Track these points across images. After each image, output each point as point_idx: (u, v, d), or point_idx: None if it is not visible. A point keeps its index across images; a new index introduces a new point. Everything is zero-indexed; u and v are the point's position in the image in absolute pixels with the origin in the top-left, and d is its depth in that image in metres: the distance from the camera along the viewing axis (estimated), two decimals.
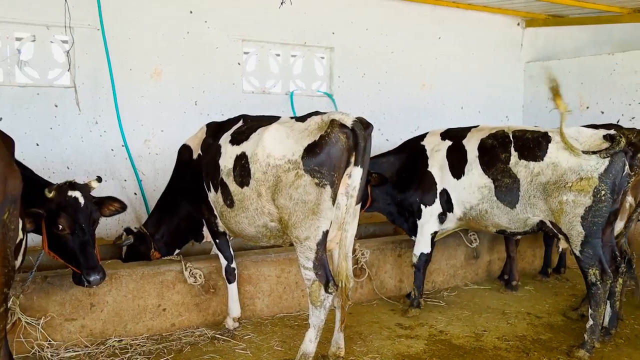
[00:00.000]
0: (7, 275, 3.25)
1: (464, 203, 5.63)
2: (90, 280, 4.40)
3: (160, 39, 7.23)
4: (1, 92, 6.53)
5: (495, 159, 5.34)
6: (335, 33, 8.32)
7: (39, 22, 6.66)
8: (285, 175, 4.24)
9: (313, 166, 4.14)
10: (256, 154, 4.41)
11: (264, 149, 4.35)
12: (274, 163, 4.30)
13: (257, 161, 4.40)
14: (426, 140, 6.09)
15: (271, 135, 4.37)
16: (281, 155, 4.27)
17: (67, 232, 4.42)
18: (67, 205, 4.43)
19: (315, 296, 4.33)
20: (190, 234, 5.85)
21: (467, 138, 5.71)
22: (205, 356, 4.85)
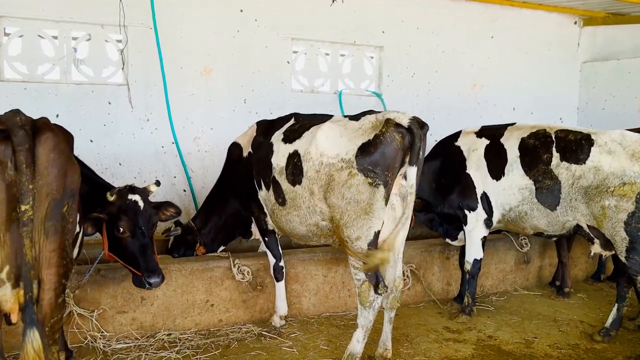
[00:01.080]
0: (66, 267, 3.32)
1: (502, 205, 5.52)
2: (151, 282, 4.41)
3: (211, 37, 7.30)
4: (58, 89, 6.72)
5: (537, 159, 5.22)
6: (385, 32, 8.24)
7: (95, 21, 6.82)
8: (338, 174, 4.19)
9: (367, 165, 4.08)
10: (309, 153, 4.38)
11: (318, 147, 4.32)
12: (327, 162, 4.26)
13: (310, 159, 4.37)
14: (461, 140, 5.94)
15: (325, 134, 4.33)
16: (334, 154, 4.23)
17: (128, 235, 4.44)
18: (128, 209, 4.45)
19: (365, 297, 4.27)
20: (237, 232, 5.88)
21: (505, 137, 5.58)
22: (252, 352, 4.87)
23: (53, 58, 6.78)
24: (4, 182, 3.01)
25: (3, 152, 3.00)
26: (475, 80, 8.98)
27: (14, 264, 3.16)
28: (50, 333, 3.32)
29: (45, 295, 3.26)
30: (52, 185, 3.14)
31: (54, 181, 3.15)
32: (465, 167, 5.76)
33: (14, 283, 3.19)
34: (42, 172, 3.09)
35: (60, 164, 3.18)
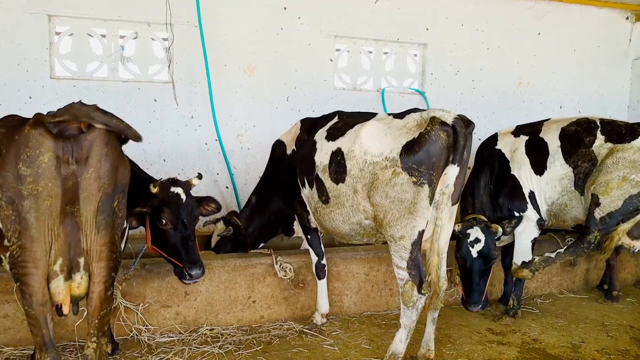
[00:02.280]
0: (115, 261, 3.39)
1: (546, 200, 5.45)
2: (192, 274, 4.43)
3: (254, 35, 7.34)
4: (105, 87, 6.87)
5: (579, 143, 5.20)
6: (429, 29, 8.15)
7: (141, 19, 6.95)
8: (382, 172, 4.16)
9: (411, 164, 4.04)
10: (353, 151, 4.36)
11: (361, 146, 4.30)
12: (370, 160, 4.23)
13: (353, 157, 4.35)
14: (500, 143, 5.86)
15: (368, 132, 4.30)
16: (378, 152, 4.20)
17: (170, 228, 4.47)
18: (170, 201, 4.49)
19: (408, 296, 4.23)
20: (279, 229, 5.91)
21: (543, 131, 5.53)
22: (293, 349, 4.87)
23: (101, 56, 6.93)
24: (60, 177, 3.09)
25: (61, 148, 3.07)
26: (520, 78, 8.79)
27: (67, 256, 3.24)
28: (100, 325, 3.40)
29: (96, 288, 3.34)
30: (104, 179, 3.21)
31: (106, 175, 3.22)
32: (509, 168, 5.68)
33: (67, 275, 3.27)
34: (95, 165, 3.16)
35: (113, 159, 3.24)
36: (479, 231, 5.24)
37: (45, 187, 3.08)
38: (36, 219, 3.11)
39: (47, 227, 3.15)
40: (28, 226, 3.11)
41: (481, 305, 5.21)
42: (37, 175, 3.05)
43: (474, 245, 5.19)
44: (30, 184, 3.05)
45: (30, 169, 3.04)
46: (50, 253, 3.20)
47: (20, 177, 3.05)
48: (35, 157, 3.05)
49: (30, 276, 3.17)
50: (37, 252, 3.15)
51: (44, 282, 3.21)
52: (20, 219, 3.11)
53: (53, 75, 6.72)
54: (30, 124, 3.09)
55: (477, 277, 5.20)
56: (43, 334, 3.27)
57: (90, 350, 3.37)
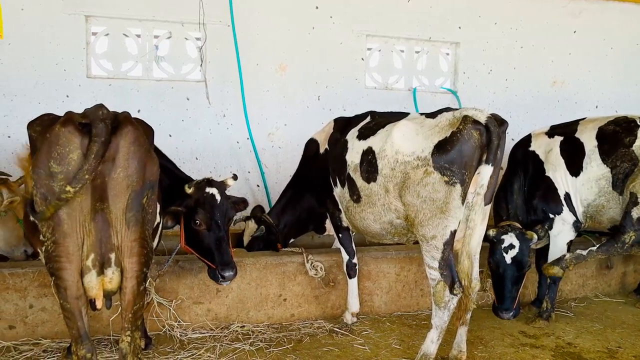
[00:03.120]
0: (147, 256, 3.42)
1: (582, 202, 5.34)
2: (225, 276, 4.46)
3: (286, 34, 7.37)
4: (140, 86, 6.98)
5: (618, 143, 5.08)
6: (462, 28, 8.07)
7: (175, 19, 7.04)
8: (414, 172, 4.14)
9: (443, 163, 4.00)
10: (384, 150, 4.35)
11: (393, 145, 4.28)
12: (402, 159, 4.22)
13: (385, 157, 4.34)
14: (534, 144, 5.76)
15: (400, 132, 4.28)
16: (410, 152, 4.18)
17: (204, 228, 4.50)
18: (205, 202, 4.53)
19: (440, 297, 4.20)
20: (310, 226, 5.93)
21: (579, 131, 5.41)
22: (324, 348, 4.87)
23: (136, 55, 7.04)
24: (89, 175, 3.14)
25: (87, 147, 3.12)
26: (555, 77, 8.64)
27: (98, 252, 3.29)
28: (133, 319, 3.44)
29: (128, 283, 3.38)
30: (133, 177, 3.25)
31: (134, 173, 3.25)
32: (544, 170, 5.58)
33: (99, 270, 3.32)
34: (123, 164, 3.20)
35: (140, 157, 3.28)
36: (513, 237, 5.17)
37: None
38: (68, 215, 3.16)
39: (79, 223, 3.20)
40: (60, 222, 3.17)
41: (513, 312, 5.15)
42: (68, 172, 3.10)
43: (507, 251, 5.13)
44: (61, 181, 3.10)
45: (60, 166, 3.09)
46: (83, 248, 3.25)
47: (52, 174, 3.10)
48: (65, 155, 3.10)
49: (64, 270, 3.23)
50: (70, 247, 3.21)
51: (78, 276, 3.26)
52: (53, 215, 3.17)
53: (89, 74, 6.85)
54: (61, 122, 3.14)
55: (509, 283, 5.12)
56: (78, 327, 3.32)
57: (125, 344, 3.42)
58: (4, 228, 5.08)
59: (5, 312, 4.71)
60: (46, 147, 3.12)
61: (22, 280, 4.72)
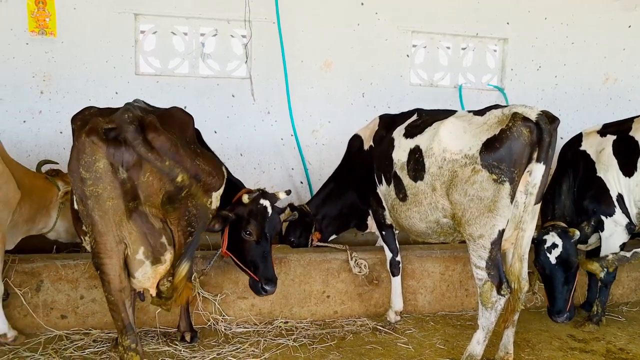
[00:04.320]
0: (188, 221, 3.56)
1: (636, 203, 5.15)
2: (267, 290, 4.42)
3: (331, 31, 7.35)
4: (186, 82, 7.09)
5: None
6: (510, 23, 7.90)
7: (221, 17, 7.12)
8: (462, 170, 4.08)
9: (492, 161, 3.93)
10: (432, 148, 4.30)
11: (440, 143, 4.23)
12: (450, 157, 4.16)
13: (432, 155, 4.29)
14: (585, 144, 5.56)
15: (448, 129, 4.22)
16: (458, 150, 4.12)
17: (254, 240, 4.46)
18: (258, 214, 4.49)
19: (487, 297, 4.13)
20: (352, 223, 5.91)
21: (633, 129, 5.19)
22: (367, 346, 4.85)
23: (183, 53, 7.15)
24: (117, 180, 3.22)
25: (113, 156, 3.17)
26: (607, 74, 8.37)
27: (147, 244, 3.36)
28: None
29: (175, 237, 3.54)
30: (164, 180, 3.31)
31: (165, 176, 3.30)
32: (595, 170, 5.39)
33: (153, 260, 3.38)
34: (151, 170, 3.28)
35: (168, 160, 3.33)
36: (555, 236, 5.02)
37: (105, 190, 3.22)
38: (100, 217, 3.26)
39: (114, 223, 3.28)
40: (95, 222, 3.28)
41: (566, 315, 4.94)
42: (96, 179, 3.19)
43: (551, 251, 4.98)
44: (91, 187, 3.20)
45: (89, 173, 3.19)
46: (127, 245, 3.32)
47: (82, 179, 3.20)
48: (92, 163, 3.18)
49: (105, 265, 3.34)
50: (107, 244, 3.30)
51: (120, 270, 3.37)
52: (88, 216, 3.29)
53: (138, 71, 6.99)
54: (86, 131, 3.20)
55: (558, 284, 4.97)
56: (122, 318, 3.42)
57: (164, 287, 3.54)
58: (63, 219, 5.24)
59: (58, 302, 4.86)
60: (75, 154, 3.22)
61: (73, 272, 4.86)
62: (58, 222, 5.20)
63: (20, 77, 6.64)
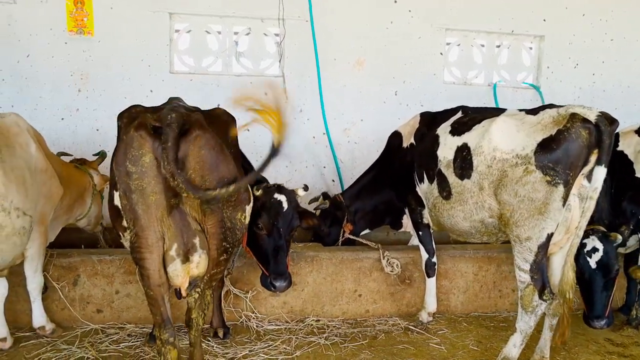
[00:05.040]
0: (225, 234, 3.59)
1: None
2: (276, 285, 4.33)
3: (364, 29, 7.33)
4: (220, 81, 7.15)
5: None
6: (547, 20, 7.76)
7: (255, 15, 7.16)
8: (513, 170, 3.99)
9: (547, 162, 3.83)
10: (481, 147, 4.23)
11: (490, 142, 4.15)
12: (500, 157, 4.08)
13: (481, 153, 4.22)
14: (622, 144, 5.40)
15: (499, 128, 4.14)
16: (509, 149, 4.03)
17: (265, 233, 4.42)
18: (271, 207, 4.45)
19: (527, 301, 4.04)
20: (386, 219, 5.86)
21: None
22: (399, 346, 4.82)
23: (216, 51, 7.22)
24: (161, 176, 3.25)
25: (157, 150, 3.22)
26: None
27: (181, 241, 3.40)
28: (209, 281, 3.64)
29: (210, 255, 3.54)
30: (206, 177, 3.34)
31: (207, 175, 3.35)
32: (634, 171, 5.24)
33: (184, 258, 3.43)
34: (194, 167, 3.31)
35: (211, 160, 3.37)
36: (596, 240, 4.89)
37: (149, 184, 3.26)
38: (143, 211, 3.30)
39: (156, 218, 3.32)
40: (138, 216, 3.32)
41: (605, 321, 4.79)
42: (141, 173, 3.24)
43: (591, 255, 4.86)
44: (136, 180, 3.25)
45: (135, 167, 3.24)
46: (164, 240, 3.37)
47: (129, 173, 3.25)
48: (139, 157, 3.24)
49: (146, 260, 3.37)
50: (149, 239, 3.34)
51: (159, 266, 3.40)
52: (132, 210, 3.33)
53: (172, 70, 7.08)
54: (134, 126, 3.27)
55: (597, 289, 4.84)
56: (161, 312, 3.46)
57: (192, 299, 3.60)
58: (95, 205, 5.43)
59: (94, 296, 4.95)
60: (122, 148, 3.28)
61: (109, 267, 4.94)
62: (92, 207, 5.34)
63: (59, 76, 6.80)
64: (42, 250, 4.55)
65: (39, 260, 4.54)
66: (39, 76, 6.77)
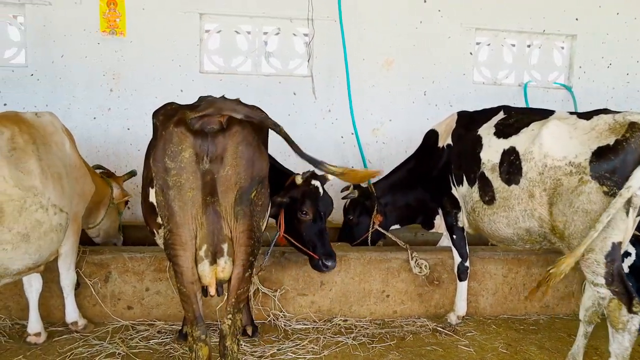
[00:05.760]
0: (253, 246, 3.51)
1: None
2: (328, 265, 4.54)
3: (393, 29, 7.32)
4: (249, 80, 7.20)
5: None
6: (579, 19, 7.63)
7: (284, 16, 7.20)
8: (566, 179, 3.85)
9: (604, 173, 3.68)
10: (531, 152, 4.08)
11: (541, 147, 4.00)
12: (552, 164, 3.94)
13: (531, 159, 4.07)
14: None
15: (550, 133, 3.98)
16: (561, 157, 3.89)
17: (310, 219, 4.60)
18: (311, 193, 4.64)
19: (615, 317, 3.76)
20: (418, 218, 5.72)
21: None
22: (427, 347, 4.79)
23: (246, 51, 7.27)
24: (199, 172, 3.26)
25: (199, 146, 3.24)
26: None
27: (211, 242, 3.40)
28: (236, 303, 3.54)
29: (234, 270, 3.49)
30: (240, 175, 3.33)
31: (242, 171, 3.33)
32: None
33: (212, 260, 3.44)
34: (231, 163, 3.29)
35: (248, 156, 3.35)
36: (628, 245, 4.79)
37: (187, 180, 3.27)
38: (180, 207, 3.31)
39: (191, 216, 3.33)
40: (174, 213, 3.32)
41: None
42: (180, 169, 3.24)
43: (623, 259, 4.73)
44: (174, 176, 3.26)
45: (174, 162, 3.24)
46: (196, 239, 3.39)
47: (167, 169, 3.26)
48: (178, 153, 3.24)
49: (180, 257, 3.38)
50: (183, 237, 3.35)
51: (193, 263, 3.40)
52: (168, 206, 3.33)
53: (202, 69, 7.15)
54: (174, 122, 3.27)
55: None
56: (193, 310, 3.46)
57: (225, 326, 3.53)
58: (108, 218, 5.42)
59: (125, 293, 5.02)
60: (162, 144, 3.29)
61: (140, 264, 5.01)
62: (104, 220, 5.36)
63: (92, 76, 6.93)
64: (76, 247, 4.65)
65: (72, 257, 4.63)
66: (73, 76, 6.90)
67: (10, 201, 3.59)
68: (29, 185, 3.73)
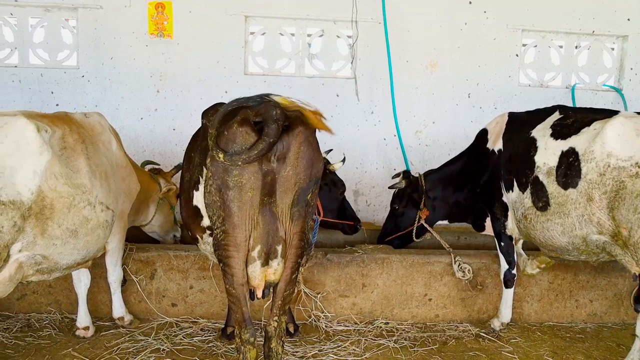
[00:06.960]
0: (302, 248, 3.52)
1: None
2: (358, 227, 5.68)
3: (437, 30, 7.26)
4: (292, 82, 7.24)
5: None
6: (632, 19, 7.42)
7: (328, 18, 7.22)
8: (632, 181, 3.66)
9: None
10: (592, 151, 3.89)
11: (604, 146, 3.82)
12: (615, 164, 3.76)
13: (592, 159, 3.89)
14: None
15: (615, 131, 3.79)
16: (627, 157, 3.72)
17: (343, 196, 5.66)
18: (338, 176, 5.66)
19: None
20: (468, 218, 5.50)
21: None
22: (470, 352, 4.72)
23: (290, 53, 7.32)
24: (261, 172, 3.25)
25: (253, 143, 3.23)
26: None
27: (265, 243, 3.40)
28: (282, 305, 3.56)
29: (284, 272, 3.50)
30: (300, 175, 3.31)
31: (302, 171, 3.31)
32: None
33: (264, 261, 3.43)
34: (293, 163, 3.27)
35: (309, 156, 3.33)
36: None
37: (249, 180, 3.25)
38: (239, 208, 3.30)
39: (248, 216, 3.33)
40: (231, 214, 3.31)
41: None
42: (242, 169, 3.21)
43: None
44: (236, 177, 3.24)
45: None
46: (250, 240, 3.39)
47: (228, 169, 3.24)
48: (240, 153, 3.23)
49: (232, 259, 3.37)
50: (238, 238, 3.34)
51: (244, 265, 3.40)
52: (225, 207, 3.32)
53: (246, 71, 7.23)
54: (238, 121, 3.22)
55: None
56: (243, 312, 3.46)
57: (272, 328, 3.54)
58: (160, 214, 5.53)
59: (169, 290, 5.11)
60: (223, 144, 3.24)
61: (184, 262, 5.10)
62: (156, 216, 5.48)
63: (140, 77, 7.08)
64: (122, 244, 4.76)
65: (119, 254, 4.74)
66: (121, 77, 7.08)
67: (60, 198, 3.68)
68: (78, 183, 3.82)
